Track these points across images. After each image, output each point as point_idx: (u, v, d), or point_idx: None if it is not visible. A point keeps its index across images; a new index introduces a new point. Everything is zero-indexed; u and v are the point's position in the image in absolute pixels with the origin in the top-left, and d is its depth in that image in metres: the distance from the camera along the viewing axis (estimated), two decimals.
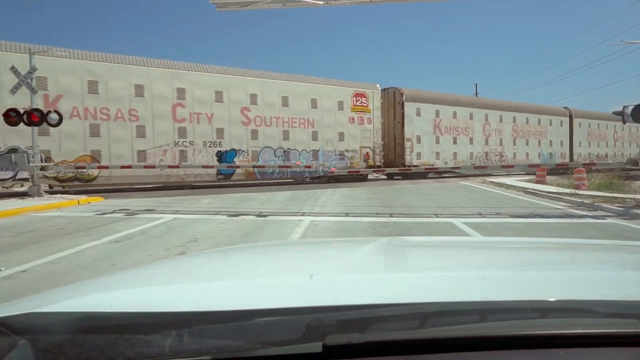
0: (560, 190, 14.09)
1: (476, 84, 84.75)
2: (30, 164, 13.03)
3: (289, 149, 20.45)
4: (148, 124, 17.12)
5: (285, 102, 20.35)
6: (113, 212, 10.13)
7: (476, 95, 40.28)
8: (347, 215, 9.53)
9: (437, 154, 25.33)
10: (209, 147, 18.52)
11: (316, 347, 0.64)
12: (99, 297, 0.90)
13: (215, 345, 0.67)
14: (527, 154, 30.37)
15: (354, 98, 22.38)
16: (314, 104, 21.18)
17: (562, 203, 11.67)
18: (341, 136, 21.96)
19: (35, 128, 12.98)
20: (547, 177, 18.04)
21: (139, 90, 16.90)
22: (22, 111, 12.53)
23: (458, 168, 20.80)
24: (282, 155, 20.21)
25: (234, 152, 19.11)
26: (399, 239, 1.99)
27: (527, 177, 21.48)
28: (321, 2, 11.99)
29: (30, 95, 12.95)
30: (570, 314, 0.78)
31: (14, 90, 12.88)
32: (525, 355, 0.66)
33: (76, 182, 16.05)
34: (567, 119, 33.79)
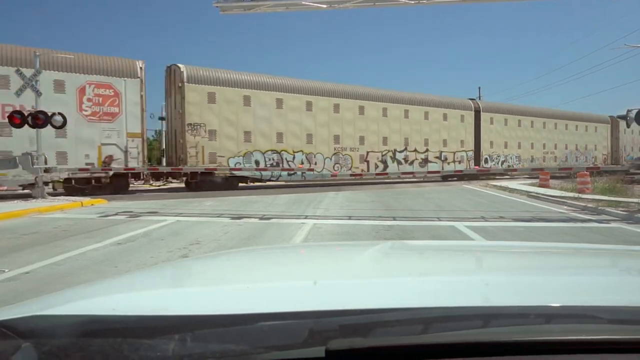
0: (564, 194, 14.04)
1: (479, 88, 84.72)
2: (34, 166, 13.09)
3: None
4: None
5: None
6: (116, 214, 10.17)
7: (479, 99, 40.84)
8: (350, 218, 9.53)
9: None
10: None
11: (319, 351, 0.64)
12: (102, 301, 0.90)
13: (218, 349, 0.67)
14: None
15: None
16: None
17: (565, 207, 11.62)
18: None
19: (41, 130, 13.04)
20: (551, 180, 18.00)
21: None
22: (26, 113, 12.60)
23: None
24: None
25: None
26: (402, 243, 1.98)
27: (530, 181, 21.45)
28: (324, 6, 12.03)
29: (35, 97, 13.03)
30: (574, 320, 0.78)
31: (19, 92, 12.96)
32: None
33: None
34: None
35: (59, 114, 13.23)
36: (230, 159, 18.92)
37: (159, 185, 19.71)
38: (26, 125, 13.12)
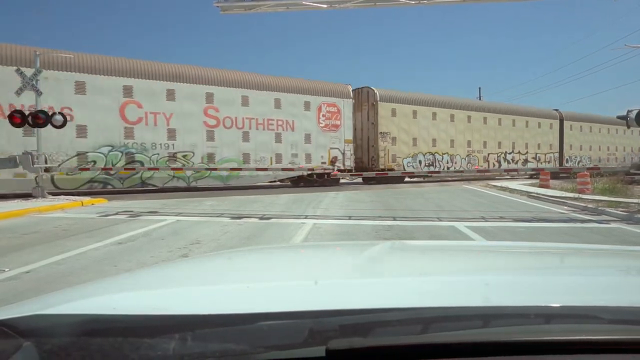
0: (564, 194, 14.04)
1: (479, 88, 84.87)
2: (34, 165, 13.09)
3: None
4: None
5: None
6: (116, 213, 10.16)
7: (479, 99, 41.30)
8: (350, 218, 9.53)
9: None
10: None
11: (319, 351, 0.64)
12: (103, 300, 0.90)
13: (218, 348, 0.67)
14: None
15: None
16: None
17: (565, 207, 11.61)
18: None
19: (41, 130, 13.03)
20: (551, 181, 17.99)
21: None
22: (27, 112, 12.60)
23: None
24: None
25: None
26: (402, 243, 1.98)
27: (530, 182, 21.46)
28: (324, 6, 12.03)
29: (35, 97, 13.03)
30: (574, 320, 0.78)
31: (19, 92, 12.96)
32: None
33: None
34: None
35: (60, 113, 13.23)
36: (404, 159, 24.63)
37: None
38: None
